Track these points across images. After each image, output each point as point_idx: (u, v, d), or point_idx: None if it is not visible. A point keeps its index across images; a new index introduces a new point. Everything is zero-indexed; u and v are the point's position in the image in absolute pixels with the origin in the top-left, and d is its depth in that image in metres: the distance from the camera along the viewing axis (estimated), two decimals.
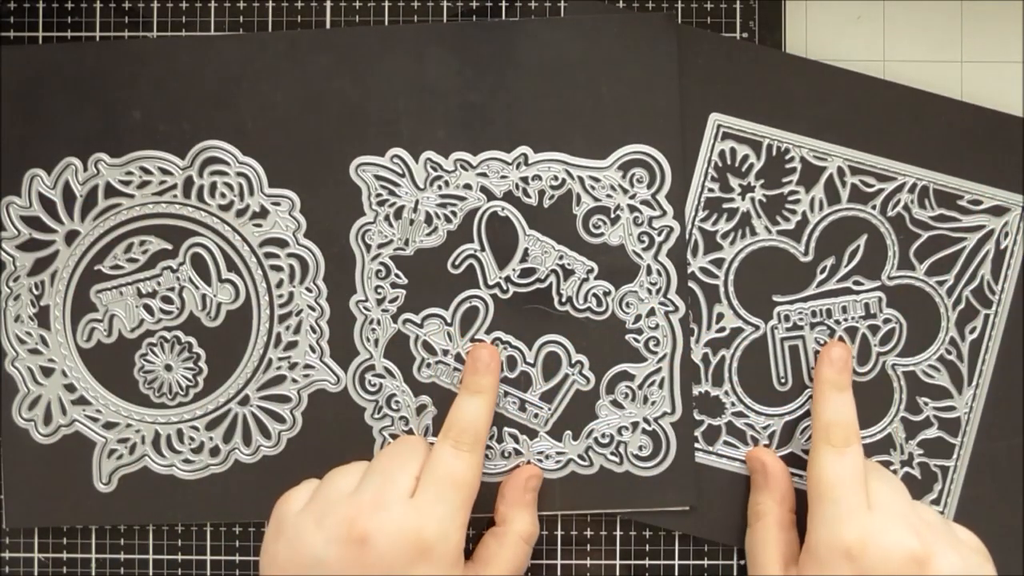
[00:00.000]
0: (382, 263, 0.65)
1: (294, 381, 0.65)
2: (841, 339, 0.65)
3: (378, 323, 0.65)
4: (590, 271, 0.64)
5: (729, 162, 0.65)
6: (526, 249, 0.64)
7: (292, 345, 0.65)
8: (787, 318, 0.65)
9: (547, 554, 0.66)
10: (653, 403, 0.64)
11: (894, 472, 0.65)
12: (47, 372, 0.65)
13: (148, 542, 0.66)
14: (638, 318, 0.64)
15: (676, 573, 0.66)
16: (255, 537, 0.66)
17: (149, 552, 0.66)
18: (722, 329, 0.65)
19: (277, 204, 0.65)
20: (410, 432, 0.65)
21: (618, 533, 0.66)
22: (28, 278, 0.65)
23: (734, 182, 0.65)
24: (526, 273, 0.64)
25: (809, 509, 0.60)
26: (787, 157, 0.65)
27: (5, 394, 0.65)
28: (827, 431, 0.61)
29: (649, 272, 0.64)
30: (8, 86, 0.65)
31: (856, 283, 0.65)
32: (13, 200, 0.65)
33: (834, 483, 0.59)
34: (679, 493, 0.65)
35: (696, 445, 0.65)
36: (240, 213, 0.65)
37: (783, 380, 0.65)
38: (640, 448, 0.64)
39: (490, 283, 0.65)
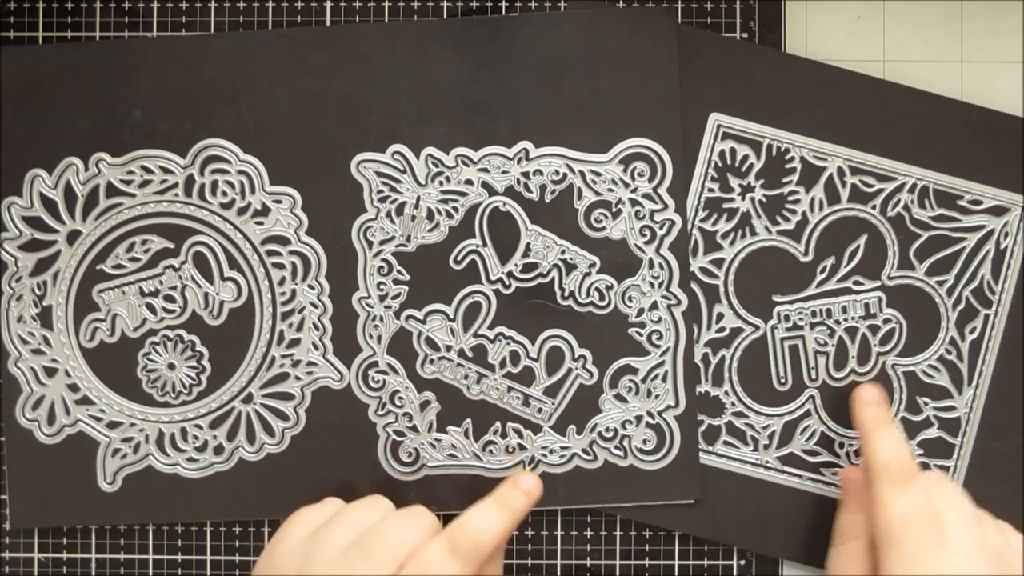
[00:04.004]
0: (384, 259, 0.65)
1: (297, 378, 0.65)
2: (862, 381, 0.65)
3: (381, 319, 0.65)
4: (592, 265, 0.64)
5: (729, 162, 0.65)
6: (528, 244, 0.64)
7: (295, 342, 0.65)
8: (787, 318, 0.65)
9: (547, 554, 0.66)
10: (657, 397, 0.64)
11: None
12: (50, 372, 0.65)
13: (148, 542, 0.66)
14: (641, 312, 0.64)
15: (676, 573, 0.66)
16: (255, 537, 0.66)
17: (149, 552, 0.66)
18: (722, 329, 0.65)
19: (279, 202, 0.65)
20: (414, 429, 0.65)
21: (618, 533, 0.66)
22: (30, 278, 0.65)
23: (734, 182, 0.65)
24: (528, 268, 0.65)
25: (879, 551, 0.57)
26: (787, 157, 0.65)
27: (9, 395, 0.65)
28: (886, 469, 0.58)
29: (651, 266, 0.64)
30: (8, 86, 0.65)
31: (856, 283, 0.65)
32: (14, 200, 0.65)
33: (902, 522, 0.56)
34: (684, 486, 0.65)
35: None
36: (242, 211, 0.65)
37: (783, 380, 0.65)
38: (644, 442, 0.64)
39: (492, 278, 0.65)
